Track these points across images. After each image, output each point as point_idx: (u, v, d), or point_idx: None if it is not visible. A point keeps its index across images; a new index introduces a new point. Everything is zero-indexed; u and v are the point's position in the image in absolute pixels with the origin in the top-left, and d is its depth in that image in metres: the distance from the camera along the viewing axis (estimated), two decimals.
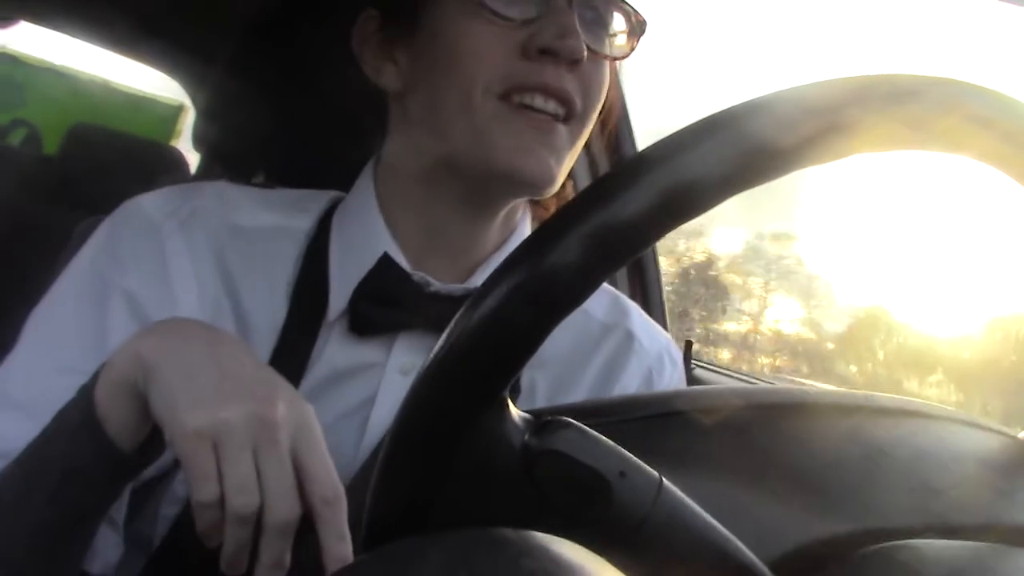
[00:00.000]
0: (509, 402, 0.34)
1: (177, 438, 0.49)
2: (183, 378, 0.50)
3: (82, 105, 2.21)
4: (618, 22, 0.69)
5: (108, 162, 1.65)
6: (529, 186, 0.66)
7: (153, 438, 0.54)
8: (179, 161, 1.82)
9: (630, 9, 0.69)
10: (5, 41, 2.20)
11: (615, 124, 1.27)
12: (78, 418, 0.53)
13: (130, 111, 2.22)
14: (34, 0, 1.73)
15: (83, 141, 1.76)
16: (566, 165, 0.68)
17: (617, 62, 0.71)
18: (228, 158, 0.98)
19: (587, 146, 1.30)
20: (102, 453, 0.52)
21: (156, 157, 1.79)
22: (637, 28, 0.70)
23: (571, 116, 0.66)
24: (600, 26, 0.68)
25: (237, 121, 0.92)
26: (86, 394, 0.53)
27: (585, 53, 0.64)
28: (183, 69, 1.90)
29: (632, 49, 0.70)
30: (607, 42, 0.68)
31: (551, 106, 0.65)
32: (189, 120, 2.13)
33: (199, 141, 0.98)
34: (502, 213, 0.71)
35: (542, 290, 0.31)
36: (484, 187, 0.68)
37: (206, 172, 1.55)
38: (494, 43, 0.64)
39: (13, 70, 2.25)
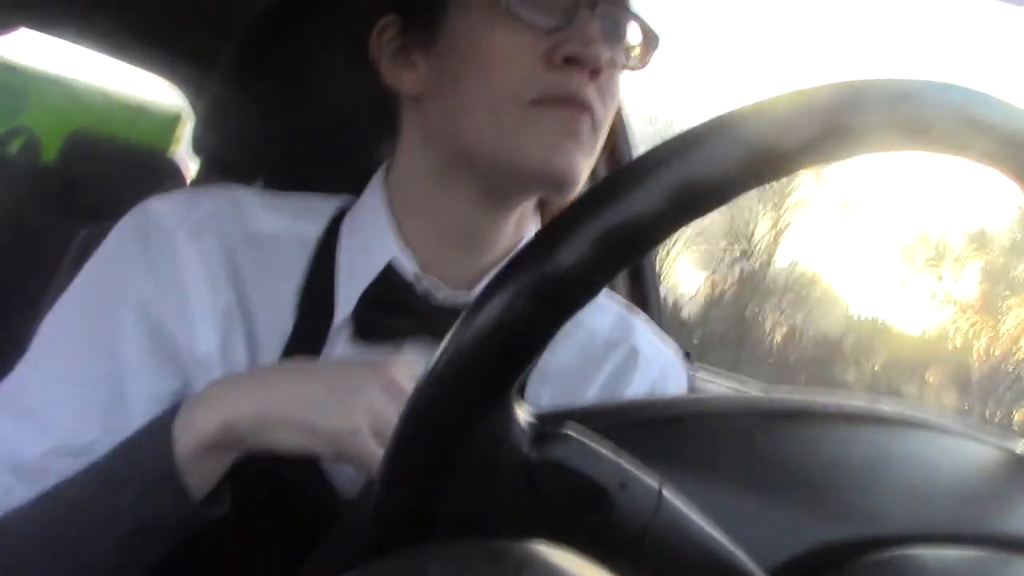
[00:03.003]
0: (515, 403, 0.34)
1: (342, 442, 0.57)
2: (298, 405, 0.58)
3: (81, 112, 2.21)
4: (634, 34, 0.70)
5: (107, 169, 1.65)
6: (557, 183, 0.66)
7: (214, 493, 0.60)
8: (175, 169, 1.82)
9: (646, 23, 0.70)
10: (4, 48, 2.20)
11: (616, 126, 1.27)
12: (149, 477, 0.58)
13: (129, 118, 2.23)
14: (33, 7, 1.73)
15: (81, 148, 1.76)
16: (588, 167, 0.68)
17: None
18: (227, 164, 0.98)
19: None
20: (180, 510, 0.58)
21: (154, 164, 1.79)
22: (652, 42, 0.71)
23: (592, 123, 0.67)
24: (617, 37, 0.69)
25: (236, 127, 0.92)
26: (159, 455, 0.58)
27: (604, 62, 0.65)
28: (182, 75, 1.90)
29: (646, 62, 0.71)
30: (624, 53, 0.69)
31: (574, 114, 0.66)
32: (189, 127, 2.13)
33: (198, 147, 0.97)
34: (517, 212, 0.71)
35: (548, 290, 0.31)
36: (504, 184, 0.68)
37: (205, 179, 1.55)
38: (519, 52, 0.64)
39: (12, 77, 2.26)
